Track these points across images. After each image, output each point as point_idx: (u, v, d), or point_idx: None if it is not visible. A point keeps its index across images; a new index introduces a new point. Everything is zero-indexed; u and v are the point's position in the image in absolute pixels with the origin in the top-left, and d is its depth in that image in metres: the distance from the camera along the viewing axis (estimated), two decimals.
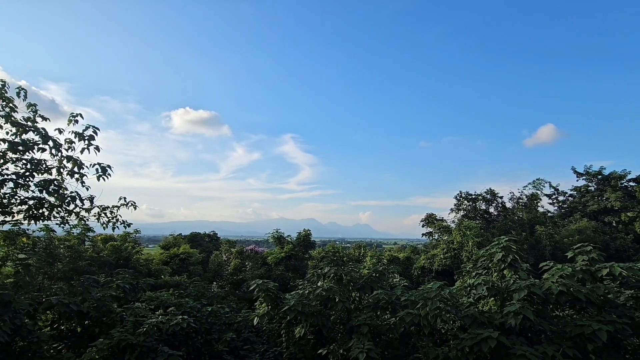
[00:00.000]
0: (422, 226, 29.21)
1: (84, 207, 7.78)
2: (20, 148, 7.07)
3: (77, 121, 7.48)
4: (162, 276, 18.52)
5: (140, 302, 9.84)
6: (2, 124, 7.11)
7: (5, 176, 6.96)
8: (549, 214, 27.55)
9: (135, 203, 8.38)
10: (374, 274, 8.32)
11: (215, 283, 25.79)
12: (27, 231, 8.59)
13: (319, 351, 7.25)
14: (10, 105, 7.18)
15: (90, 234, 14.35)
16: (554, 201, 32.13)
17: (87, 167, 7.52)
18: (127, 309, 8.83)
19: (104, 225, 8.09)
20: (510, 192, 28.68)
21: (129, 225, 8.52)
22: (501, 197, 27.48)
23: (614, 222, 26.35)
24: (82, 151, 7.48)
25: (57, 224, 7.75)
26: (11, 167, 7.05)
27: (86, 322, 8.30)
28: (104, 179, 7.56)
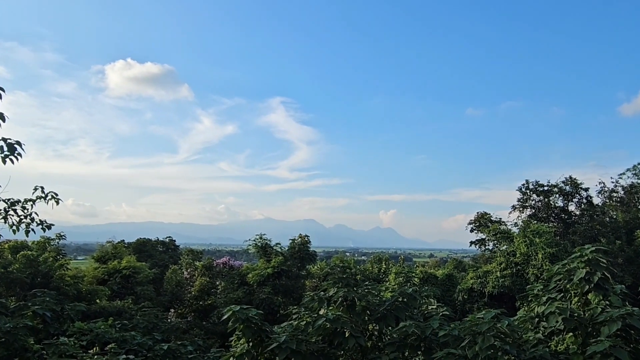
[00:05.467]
0: (471, 231, 29.21)
1: None
2: None
3: None
4: (98, 300, 18.72)
5: (66, 337, 9.91)
6: None
7: None
8: None
9: (57, 196, 8.40)
10: (400, 299, 8.32)
11: (173, 310, 26.07)
12: None
13: None
14: None
15: None
16: None
17: None
18: (49, 345, 8.91)
19: (14, 227, 8.11)
20: (599, 182, 28.64)
21: (48, 227, 8.53)
22: (586, 190, 27.43)
23: None
24: None
25: None
26: None
27: None
28: (11, 160, 7.54)
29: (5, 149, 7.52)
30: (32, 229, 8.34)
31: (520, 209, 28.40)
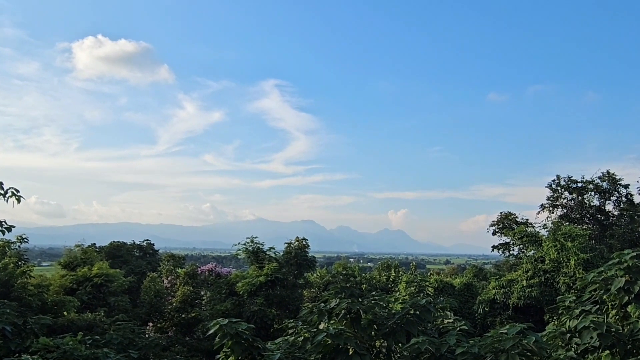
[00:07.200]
0: (493, 234, 29.27)
1: None
2: None
3: None
4: (65, 312, 18.67)
5: (29, 354, 9.90)
6: None
7: None
8: None
9: (18, 192, 8.32)
10: (411, 311, 8.36)
11: (151, 324, 26.08)
12: None
13: None
14: None
15: None
16: None
17: None
18: None
19: None
20: None
21: (9, 229, 8.55)
22: (626, 187, 27.44)
23: None
24: None
25: None
26: None
27: None
28: None
29: None
30: None
31: (550, 208, 28.44)
